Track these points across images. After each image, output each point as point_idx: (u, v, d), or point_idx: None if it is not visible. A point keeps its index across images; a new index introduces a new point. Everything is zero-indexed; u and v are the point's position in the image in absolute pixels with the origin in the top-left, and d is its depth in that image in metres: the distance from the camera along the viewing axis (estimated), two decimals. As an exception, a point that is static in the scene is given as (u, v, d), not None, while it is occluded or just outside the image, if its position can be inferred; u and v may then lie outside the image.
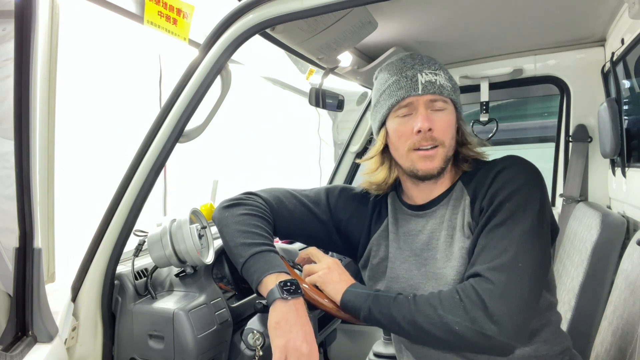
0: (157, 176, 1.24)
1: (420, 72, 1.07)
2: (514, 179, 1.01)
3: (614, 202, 1.90)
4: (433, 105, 1.06)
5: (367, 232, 1.23)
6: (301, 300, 1.01)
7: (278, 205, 1.23)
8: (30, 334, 0.95)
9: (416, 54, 1.12)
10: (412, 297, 1.01)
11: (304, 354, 0.95)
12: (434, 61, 1.11)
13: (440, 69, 1.09)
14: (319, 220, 1.25)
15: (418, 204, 1.15)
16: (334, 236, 1.26)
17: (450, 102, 1.08)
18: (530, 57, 2.04)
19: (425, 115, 1.05)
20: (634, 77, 1.71)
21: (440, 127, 1.05)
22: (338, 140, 4.47)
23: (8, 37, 0.87)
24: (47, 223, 1.15)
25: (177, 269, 1.38)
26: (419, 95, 1.05)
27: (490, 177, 1.04)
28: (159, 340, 1.23)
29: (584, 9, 1.56)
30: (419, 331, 0.97)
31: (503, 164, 1.06)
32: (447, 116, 1.07)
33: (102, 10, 1.47)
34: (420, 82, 1.06)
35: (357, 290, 1.07)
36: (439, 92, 1.06)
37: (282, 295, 0.98)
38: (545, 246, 0.99)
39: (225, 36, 1.19)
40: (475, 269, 0.97)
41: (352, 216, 1.25)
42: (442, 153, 1.06)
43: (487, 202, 1.02)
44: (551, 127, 2.32)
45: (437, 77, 1.07)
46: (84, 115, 1.94)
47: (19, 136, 0.87)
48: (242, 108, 3.08)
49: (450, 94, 1.08)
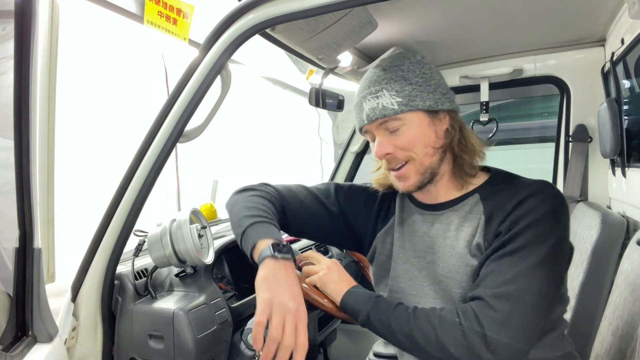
0: (157, 176, 1.24)
1: (364, 99, 1.06)
2: (538, 209, 0.96)
3: (614, 202, 1.90)
4: (385, 128, 1.04)
5: (373, 228, 1.23)
6: (292, 263, 0.98)
7: (289, 195, 1.24)
8: (30, 334, 0.95)
9: (371, 73, 1.08)
10: (412, 310, 0.99)
11: (290, 309, 0.90)
12: (378, 81, 1.05)
13: (383, 88, 1.03)
14: (328, 212, 1.25)
15: (426, 203, 1.14)
16: (342, 229, 1.26)
17: (409, 112, 1.03)
18: (530, 57, 2.04)
19: (379, 142, 1.05)
20: (634, 77, 1.71)
21: (401, 145, 1.03)
22: (338, 140, 4.47)
23: (8, 37, 0.87)
24: (47, 223, 1.15)
25: (177, 269, 1.38)
26: (369, 124, 1.06)
27: (513, 202, 0.99)
28: (159, 340, 1.23)
29: (584, 9, 1.56)
30: (414, 345, 0.96)
31: (530, 190, 1.00)
32: (407, 131, 1.03)
33: (104, 11, 1.47)
34: (365, 112, 1.05)
35: (358, 293, 1.06)
36: (382, 116, 1.03)
37: (272, 254, 0.96)
38: (557, 280, 0.96)
39: (225, 36, 1.19)
40: (480, 292, 0.94)
41: (359, 211, 1.25)
42: (413, 168, 1.05)
43: (505, 227, 0.97)
44: (551, 127, 2.32)
45: (380, 99, 1.03)
46: (85, 115, 1.94)
47: (19, 136, 0.87)
48: (242, 108, 3.08)
49: (399, 109, 1.02)
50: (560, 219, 0.97)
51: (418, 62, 1.07)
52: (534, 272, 0.92)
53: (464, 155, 1.08)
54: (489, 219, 1.01)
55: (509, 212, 0.98)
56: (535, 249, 0.93)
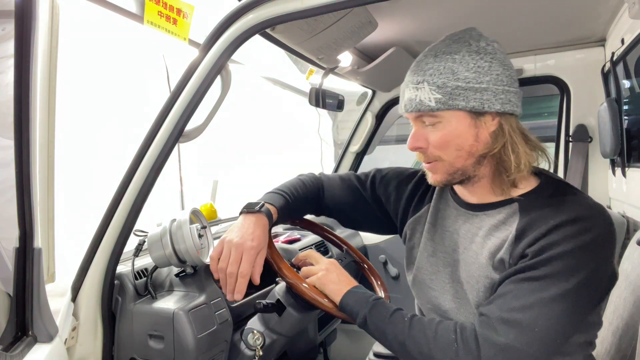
0: (157, 176, 1.24)
1: (406, 87, 1.00)
2: (575, 238, 0.86)
3: (614, 202, 1.90)
4: (423, 121, 0.99)
5: (404, 212, 1.23)
6: (257, 215, 1.11)
7: (329, 182, 1.34)
8: (30, 334, 0.95)
9: (422, 57, 1.01)
10: (409, 319, 0.97)
11: (236, 243, 1.05)
12: (422, 71, 0.97)
13: (424, 80, 0.95)
14: (363, 200, 1.29)
15: (464, 200, 1.08)
16: (378, 214, 1.29)
17: (449, 110, 0.95)
18: (530, 57, 2.04)
19: (414, 133, 1.01)
20: (634, 77, 1.71)
21: (434, 142, 0.98)
22: (338, 140, 4.47)
23: (8, 37, 0.87)
24: (47, 223, 1.15)
25: (177, 268, 1.38)
26: (406, 113, 1.01)
27: (549, 225, 0.88)
28: (159, 340, 1.23)
29: (584, 9, 1.56)
30: (406, 355, 0.95)
31: (573, 214, 0.88)
32: (442, 129, 0.96)
33: (104, 11, 1.47)
34: (404, 100, 1.00)
35: (357, 295, 1.05)
36: (417, 110, 0.97)
37: (242, 210, 1.13)
38: (578, 316, 0.88)
39: (225, 36, 1.19)
40: (488, 310, 0.90)
41: (391, 195, 1.26)
42: (442, 167, 1.00)
43: (534, 251, 0.88)
44: (551, 127, 2.32)
45: (419, 92, 0.96)
46: (86, 115, 1.94)
47: (19, 136, 0.87)
48: (242, 108, 3.08)
49: (437, 107, 0.94)
50: (601, 252, 0.88)
51: (478, 51, 0.95)
52: (550, 305, 0.85)
53: (505, 165, 0.97)
54: (519, 236, 0.92)
55: (542, 236, 0.88)
56: (560, 281, 0.85)
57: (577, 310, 0.87)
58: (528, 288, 0.87)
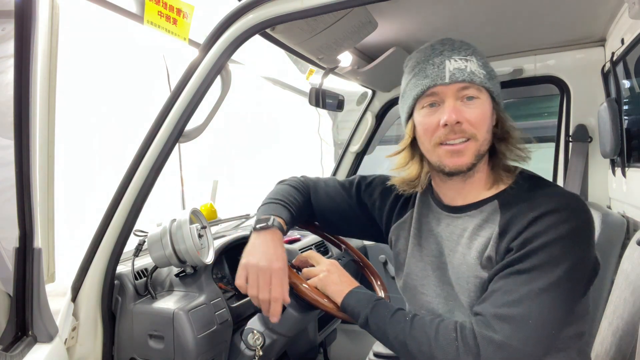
0: (157, 176, 1.25)
1: (448, 59, 0.96)
2: (556, 228, 0.88)
3: (614, 202, 1.90)
4: (463, 95, 0.96)
5: (387, 219, 1.23)
6: (272, 231, 1.08)
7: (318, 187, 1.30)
8: (30, 334, 0.95)
9: (447, 39, 1.01)
10: (410, 318, 0.97)
11: (262, 267, 1.03)
12: (466, 46, 0.99)
13: (474, 54, 0.97)
14: (350, 206, 1.27)
15: (446, 204, 1.09)
16: (364, 221, 1.28)
17: (484, 90, 0.96)
18: (530, 57, 2.04)
19: (453, 106, 0.95)
20: (634, 77, 1.71)
21: (471, 119, 0.95)
22: (338, 140, 4.47)
23: (8, 37, 0.87)
24: (47, 223, 1.15)
25: (177, 269, 1.38)
26: (446, 85, 0.95)
27: (529, 217, 0.91)
28: (159, 340, 1.23)
29: (584, 9, 1.56)
30: (407, 354, 0.95)
31: (552, 205, 0.91)
32: (481, 106, 0.96)
33: (105, 11, 1.47)
34: (448, 70, 0.95)
35: (358, 295, 1.05)
36: (469, 80, 0.94)
37: (254, 227, 1.10)
38: (569, 304, 0.91)
39: (225, 36, 1.19)
40: (483, 309, 0.91)
41: (376, 202, 1.25)
42: (474, 147, 0.96)
43: (518, 244, 0.91)
44: (551, 127, 2.32)
45: (468, 63, 0.95)
46: (87, 116, 1.94)
47: (19, 136, 0.87)
48: (242, 108, 3.08)
49: (483, 81, 0.96)
50: (581, 240, 0.90)
51: None
52: (541, 296, 0.86)
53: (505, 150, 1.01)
54: (502, 232, 0.94)
55: (524, 228, 0.91)
56: (546, 271, 0.87)
57: (567, 298, 0.89)
58: (517, 281, 0.88)
